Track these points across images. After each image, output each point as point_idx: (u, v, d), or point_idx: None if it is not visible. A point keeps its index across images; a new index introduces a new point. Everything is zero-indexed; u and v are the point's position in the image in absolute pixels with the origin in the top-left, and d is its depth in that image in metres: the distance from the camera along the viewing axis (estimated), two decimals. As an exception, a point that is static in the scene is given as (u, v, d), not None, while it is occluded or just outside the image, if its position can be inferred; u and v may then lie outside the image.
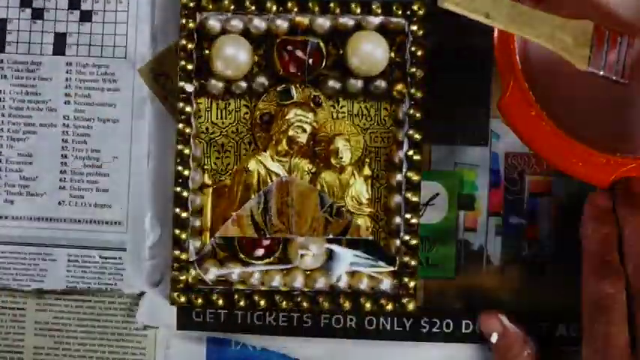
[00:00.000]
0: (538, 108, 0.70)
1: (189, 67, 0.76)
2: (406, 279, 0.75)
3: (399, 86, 0.76)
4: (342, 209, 0.77)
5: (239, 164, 0.78)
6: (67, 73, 0.79)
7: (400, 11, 0.76)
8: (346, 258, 0.76)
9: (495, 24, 0.70)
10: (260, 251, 0.77)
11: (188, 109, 0.76)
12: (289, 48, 0.76)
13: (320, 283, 0.76)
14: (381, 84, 0.77)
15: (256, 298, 0.76)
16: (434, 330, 0.78)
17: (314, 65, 0.77)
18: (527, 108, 0.70)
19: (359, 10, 0.76)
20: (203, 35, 0.77)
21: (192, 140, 0.76)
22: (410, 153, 0.75)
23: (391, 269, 0.76)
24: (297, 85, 0.78)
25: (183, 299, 0.76)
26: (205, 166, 0.78)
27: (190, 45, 0.76)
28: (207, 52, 0.77)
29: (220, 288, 0.77)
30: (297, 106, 0.76)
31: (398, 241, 0.76)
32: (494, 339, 0.76)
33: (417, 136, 0.75)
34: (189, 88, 0.76)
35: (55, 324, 0.80)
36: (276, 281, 0.76)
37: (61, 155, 0.79)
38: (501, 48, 0.71)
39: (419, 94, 0.75)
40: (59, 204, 0.79)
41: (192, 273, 0.76)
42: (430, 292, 0.78)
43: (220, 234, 0.77)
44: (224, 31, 0.77)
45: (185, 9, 0.76)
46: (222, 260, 0.77)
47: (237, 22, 0.77)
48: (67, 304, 0.80)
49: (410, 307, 0.75)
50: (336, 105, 0.78)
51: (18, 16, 0.80)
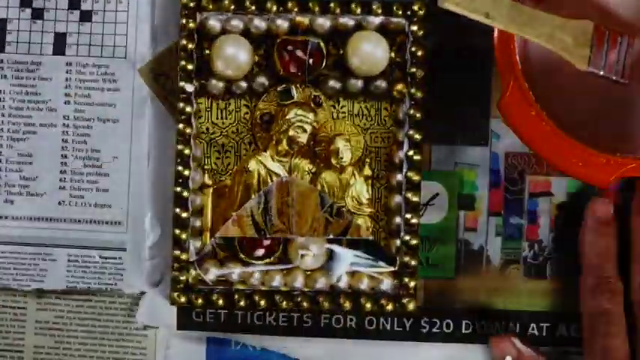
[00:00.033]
0: (538, 108, 0.70)
1: (189, 67, 0.76)
2: (406, 279, 0.75)
3: (399, 86, 0.76)
4: (343, 209, 0.77)
5: (239, 164, 0.78)
6: (67, 73, 0.79)
7: (400, 11, 0.75)
8: (346, 258, 0.76)
9: (495, 24, 0.70)
10: (260, 251, 0.77)
11: (188, 109, 0.76)
12: (289, 48, 0.76)
13: (320, 283, 0.76)
14: (382, 84, 0.77)
15: (256, 298, 0.76)
16: (434, 330, 0.78)
17: (314, 65, 0.76)
18: (527, 108, 0.70)
19: (359, 10, 0.76)
20: (203, 35, 0.77)
21: (192, 140, 0.76)
22: (410, 153, 0.75)
23: (391, 269, 0.76)
24: (298, 85, 0.78)
25: (183, 299, 0.76)
26: (205, 166, 0.78)
27: (190, 45, 0.76)
28: (207, 52, 0.77)
29: (220, 288, 0.77)
30: (298, 106, 0.76)
31: (398, 241, 0.76)
32: None
33: (417, 136, 0.75)
34: (189, 88, 0.76)
35: (56, 323, 0.80)
36: (277, 281, 0.76)
37: (61, 155, 0.79)
38: (501, 48, 0.71)
39: (419, 94, 0.75)
40: (59, 204, 0.79)
41: (193, 273, 0.76)
42: (430, 292, 0.78)
43: (220, 234, 0.77)
44: (224, 31, 0.77)
45: (185, 9, 0.76)
46: (223, 260, 0.77)
47: (237, 22, 0.77)
48: (67, 303, 0.80)
49: (410, 307, 0.75)
50: (337, 105, 0.78)
51: (18, 16, 0.79)
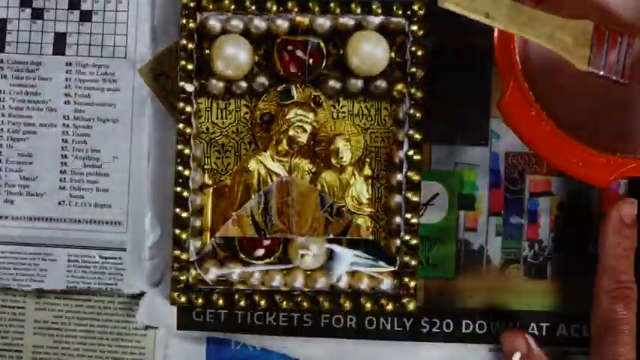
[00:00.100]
0: (538, 108, 0.70)
1: (189, 67, 0.76)
2: (406, 279, 0.75)
3: (399, 86, 0.76)
4: (343, 209, 0.77)
5: (239, 164, 0.78)
6: (67, 73, 0.79)
7: (400, 11, 0.75)
8: (346, 258, 0.76)
9: (495, 24, 0.70)
10: (260, 251, 0.77)
11: (188, 109, 0.76)
12: (289, 48, 0.76)
13: (320, 283, 0.76)
14: (382, 84, 0.77)
15: (256, 298, 0.76)
16: (434, 330, 0.78)
17: (314, 65, 0.76)
18: (527, 108, 0.70)
19: (359, 10, 0.76)
20: (203, 35, 0.77)
21: (192, 140, 0.76)
22: (410, 153, 0.75)
23: (391, 269, 0.76)
24: (298, 85, 0.78)
25: (183, 299, 0.76)
26: (205, 166, 0.78)
27: (191, 45, 0.76)
28: (207, 52, 0.77)
29: (220, 288, 0.76)
30: (298, 106, 0.76)
31: (398, 241, 0.76)
32: (516, 358, 0.76)
33: (417, 136, 0.75)
34: (189, 88, 0.76)
35: (55, 323, 0.80)
36: (277, 281, 0.76)
37: (61, 155, 0.79)
38: (501, 48, 0.71)
39: (419, 94, 0.75)
40: (59, 204, 0.79)
41: (193, 273, 0.76)
42: (430, 292, 0.78)
43: (221, 234, 0.77)
44: (224, 31, 0.77)
45: (185, 9, 0.76)
46: (223, 260, 0.77)
47: (237, 22, 0.77)
48: (66, 303, 0.80)
49: (410, 307, 0.75)
50: (337, 105, 0.78)
51: (18, 16, 0.79)
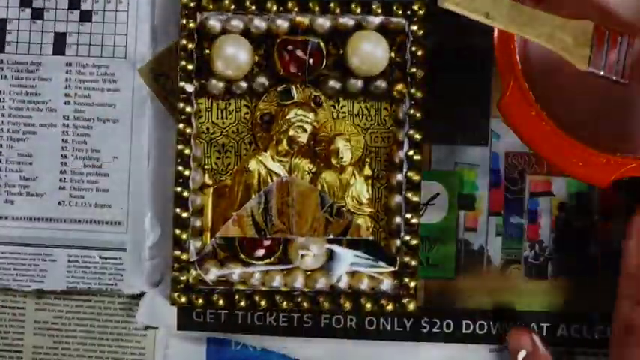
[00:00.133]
0: (538, 108, 0.70)
1: (189, 67, 0.76)
2: (406, 279, 0.75)
3: (399, 86, 0.76)
4: (343, 209, 0.77)
5: (239, 164, 0.78)
6: (67, 73, 0.79)
7: (400, 11, 0.75)
8: (347, 258, 0.76)
9: (495, 24, 0.70)
10: (260, 251, 0.77)
11: (188, 109, 0.76)
12: (289, 48, 0.76)
13: (320, 283, 0.76)
14: (382, 84, 0.77)
15: (257, 298, 0.76)
16: (434, 330, 0.78)
17: (314, 65, 0.76)
18: (527, 108, 0.70)
19: (359, 10, 0.76)
20: (203, 35, 0.77)
21: (192, 140, 0.76)
22: (410, 153, 0.75)
23: (392, 269, 0.76)
24: (298, 85, 0.78)
25: (183, 299, 0.76)
26: (206, 167, 0.78)
27: (191, 45, 0.76)
28: (207, 52, 0.77)
29: (221, 288, 0.76)
30: (298, 106, 0.76)
31: (398, 241, 0.76)
32: (521, 356, 0.76)
33: (417, 136, 0.75)
34: (189, 88, 0.76)
35: (55, 323, 0.80)
36: (277, 281, 0.76)
37: (61, 155, 0.79)
38: (501, 48, 0.71)
39: (419, 94, 0.75)
40: (59, 204, 0.79)
41: (193, 273, 0.76)
42: (430, 292, 0.78)
43: (221, 234, 0.77)
44: (224, 31, 0.77)
45: (185, 9, 0.76)
46: (223, 260, 0.77)
47: (237, 22, 0.77)
48: (66, 303, 0.80)
49: (410, 307, 0.75)
50: (337, 105, 0.78)
51: (18, 16, 0.79)
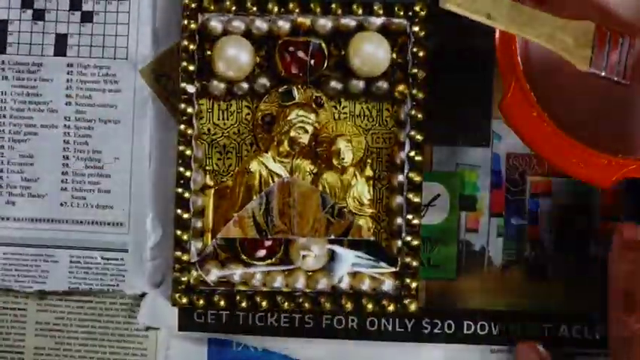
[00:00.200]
0: (539, 109, 0.70)
1: (190, 68, 0.76)
2: (408, 280, 0.75)
3: (400, 87, 0.76)
4: (344, 210, 0.77)
5: (241, 165, 0.78)
6: (68, 74, 0.79)
7: (402, 12, 0.76)
8: (348, 259, 0.76)
9: (496, 25, 0.70)
10: (262, 252, 0.77)
11: (190, 110, 0.76)
12: (291, 49, 0.76)
13: (322, 284, 0.76)
14: (383, 85, 0.77)
15: (258, 299, 0.76)
16: (435, 331, 0.78)
17: (316, 66, 0.77)
18: (528, 109, 0.70)
19: (361, 11, 0.76)
20: (205, 36, 0.77)
21: (193, 141, 0.76)
22: (411, 154, 0.75)
23: (393, 270, 0.76)
24: (299, 86, 0.78)
25: (184, 300, 0.76)
26: (207, 167, 0.78)
27: (192, 46, 0.76)
28: (208, 53, 0.77)
29: (222, 289, 0.77)
30: (299, 107, 0.76)
31: (399, 242, 0.76)
32: None
33: (418, 137, 0.75)
34: (190, 89, 0.76)
35: (56, 325, 0.80)
36: (278, 282, 0.76)
37: (63, 156, 0.79)
38: (503, 49, 0.71)
39: (420, 94, 0.75)
40: (61, 205, 0.79)
41: (194, 274, 0.76)
42: (432, 293, 0.78)
43: (222, 235, 0.77)
44: (226, 32, 0.77)
45: (187, 10, 0.76)
46: (224, 261, 0.77)
47: (238, 23, 0.77)
48: (68, 304, 0.80)
49: (411, 307, 0.75)
50: (338, 106, 0.78)
51: (19, 17, 0.79)
